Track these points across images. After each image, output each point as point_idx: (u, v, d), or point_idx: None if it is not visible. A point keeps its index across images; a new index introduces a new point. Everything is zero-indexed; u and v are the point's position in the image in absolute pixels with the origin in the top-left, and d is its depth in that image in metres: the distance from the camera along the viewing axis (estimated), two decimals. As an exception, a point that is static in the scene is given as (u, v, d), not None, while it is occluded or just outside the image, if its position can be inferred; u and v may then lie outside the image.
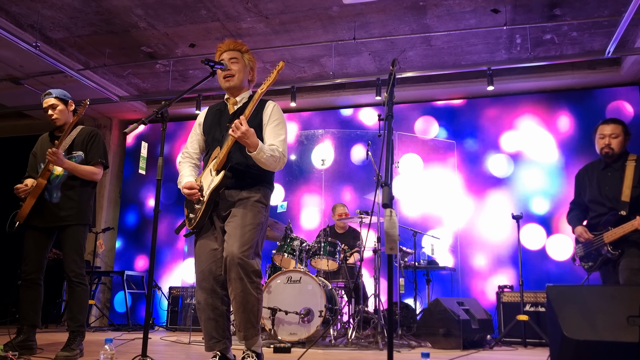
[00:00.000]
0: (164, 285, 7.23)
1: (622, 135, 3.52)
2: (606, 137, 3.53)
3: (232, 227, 2.63)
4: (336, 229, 6.01)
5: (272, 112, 2.82)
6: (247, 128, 2.51)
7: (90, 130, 3.69)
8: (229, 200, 2.71)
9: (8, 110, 7.66)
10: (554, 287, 2.38)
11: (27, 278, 3.47)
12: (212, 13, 5.43)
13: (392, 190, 1.83)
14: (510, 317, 5.07)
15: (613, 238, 3.38)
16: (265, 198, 2.76)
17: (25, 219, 3.47)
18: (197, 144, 2.96)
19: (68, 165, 3.47)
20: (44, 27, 5.75)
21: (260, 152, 2.57)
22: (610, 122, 3.56)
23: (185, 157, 2.96)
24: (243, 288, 2.56)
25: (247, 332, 2.62)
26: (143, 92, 7.50)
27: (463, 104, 6.98)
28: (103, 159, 3.63)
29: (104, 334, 5.69)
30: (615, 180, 3.48)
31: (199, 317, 2.72)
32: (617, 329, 2.16)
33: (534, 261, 6.23)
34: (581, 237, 3.59)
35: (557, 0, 5.12)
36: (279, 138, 2.75)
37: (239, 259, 2.54)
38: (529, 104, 6.68)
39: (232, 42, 2.88)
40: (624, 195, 3.39)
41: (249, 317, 2.60)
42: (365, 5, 5.21)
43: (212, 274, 2.69)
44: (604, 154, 3.55)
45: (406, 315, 5.48)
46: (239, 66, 2.84)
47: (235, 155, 2.70)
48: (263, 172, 2.74)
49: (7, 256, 6.49)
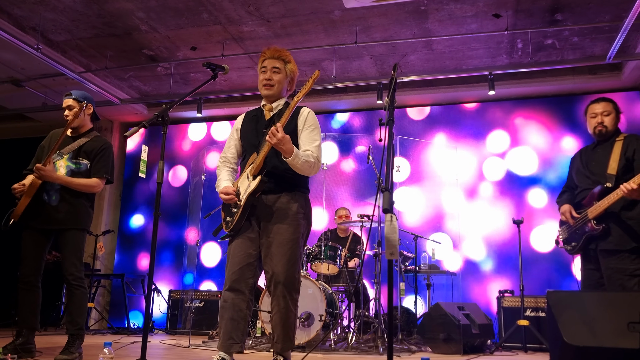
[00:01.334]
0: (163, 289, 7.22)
1: (613, 112, 3.43)
2: (598, 115, 3.42)
3: (276, 245, 2.72)
4: (338, 233, 6.01)
5: (307, 118, 2.88)
6: (283, 135, 2.58)
7: (102, 143, 3.65)
8: (267, 204, 2.79)
9: (9, 113, 7.68)
10: (554, 292, 2.38)
11: (26, 280, 3.46)
12: (214, 16, 5.44)
13: (392, 195, 1.83)
14: (511, 322, 5.06)
15: (597, 212, 3.22)
16: (303, 206, 2.83)
17: (24, 220, 3.45)
18: (235, 149, 3.02)
19: (61, 180, 3.45)
20: (46, 29, 5.76)
21: (295, 158, 2.65)
22: (601, 101, 3.46)
23: (224, 161, 3.03)
24: (285, 305, 2.70)
25: (284, 345, 2.75)
26: (144, 94, 7.51)
27: (464, 108, 6.98)
28: (108, 175, 3.61)
29: (103, 337, 5.68)
30: (603, 156, 3.37)
31: (221, 316, 2.75)
32: (617, 335, 2.15)
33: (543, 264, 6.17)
34: (564, 216, 3.44)
35: (559, 6, 5.13)
36: (314, 144, 2.82)
37: (284, 278, 2.68)
38: (530, 108, 6.68)
39: (277, 51, 2.91)
40: (610, 168, 3.26)
41: (287, 331, 2.74)
42: (367, 10, 5.22)
43: (243, 276, 2.75)
44: (597, 133, 3.44)
45: (407, 319, 5.47)
46: (280, 77, 2.89)
47: (271, 160, 2.76)
48: (298, 177, 2.81)
49: (6, 259, 6.49)
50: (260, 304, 4.68)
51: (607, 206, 3.18)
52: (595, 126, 3.43)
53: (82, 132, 3.67)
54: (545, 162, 6.43)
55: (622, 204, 3.17)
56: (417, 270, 5.64)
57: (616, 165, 3.25)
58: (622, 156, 3.29)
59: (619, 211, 3.19)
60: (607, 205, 3.18)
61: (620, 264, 3.15)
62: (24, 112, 7.63)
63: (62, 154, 3.54)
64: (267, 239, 2.76)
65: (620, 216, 3.19)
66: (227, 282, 2.76)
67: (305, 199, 2.87)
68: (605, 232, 3.21)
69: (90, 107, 3.67)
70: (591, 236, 3.28)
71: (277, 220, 2.76)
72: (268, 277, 2.75)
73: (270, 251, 2.73)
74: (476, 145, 6.77)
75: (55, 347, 3.81)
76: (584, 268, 3.41)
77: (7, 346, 3.36)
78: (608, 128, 3.41)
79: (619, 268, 3.15)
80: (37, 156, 3.68)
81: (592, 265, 3.34)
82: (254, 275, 2.79)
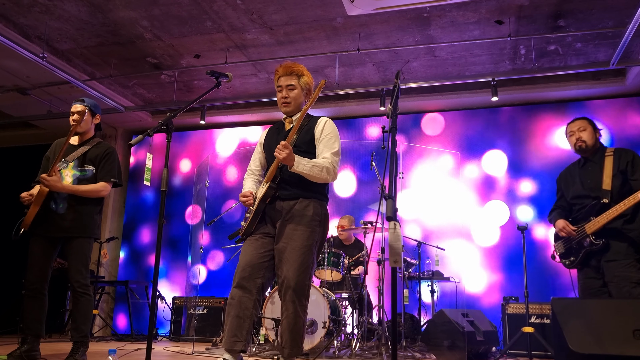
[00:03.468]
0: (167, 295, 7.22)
1: (589, 127, 3.54)
2: (575, 132, 3.55)
3: (289, 250, 2.77)
4: (342, 241, 6.00)
5: (324, 127, 2.96)
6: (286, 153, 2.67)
7: (106, 147, 3.69)
8: (284, 209, 2.85)
9: (15, 120, 7.72)
10: (559, 300, 2.37)
11: (32, 287, 3.47)
12: (217, 24, 5.47)
13: (396, 202, 1.83)
14: (516, 329, 5.03)
15: (595, 227, 3.30)
16: (319, 213, 2.88)
17: (31, 228, 3.48)
18: (259, 161, 3.14)
19: (67, 189, 3.47)
20: (51, 38, 5.81)
21: (299, 166, 2.74)
22: (576, 120, 3.61)
23: (249, 174, 3.15)
24: (294, 310, 2.74)
25: (292, 351, 2.78)
26: (148, 102, 7.54)
27: (467, 114, 6.98)
28: (116, 178, 3.64)
29: (108, 344, 5.68)
30: (595, 172, 3.46)
31: (227, 312, 2.78)
32: (623, 342, 2.14)
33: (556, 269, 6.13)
34: (562, 231, 3.50)
35: (561, 12, 5.14)
36: (331, 150, 2.89)
37: (295, 283, 2.72)
38: (533, 114, 6.67)
39: (289, 67, 2.99)
40: (605, 184, 3.35)
41: (295, 337, 2.78)
42: (369, 17, 5.24)
43: (252, 275, 2.78)
44: (577, 148, 3.56)
45: (410, 326, 5.44)
46: (296, 92, 2.98)
47: (286, 167, 2.82)
48: (315, 184, 2.87)
49: (12, 266, 6.51)
50: (264, 312, 4.68)
51: (606, 222, 3.27)
52: (574, 142, 3.57)
53: (86, 139, 3.70)
54: (549, 168, 6.42)
55: (623, 218, 3.26)
56: (421, 277, 5.62)
57: (610, 180, 3.35)
58: (617, 171, 3.38)
59: (621, 225, 3.26)
60: (605, 221, 3.27)
61: (626, 271, 3.20)
62: (29, 120, 7.67)
63: (67, 161, 3.57)
64: (282, 243, 2.80)
65: (622, 230, 3.26)
66: (235, 279, 2.80)
67: (321, 206, 2.91)
68: (606, 247, 3.29)
69: (98, 117, 3.74)
70: (591, 251, 3.35)
71: (292, 225, 2.80)
72: (279, 281, 2.78)
73: (284, 256, 2.77)
74: (480, 152, 6.76)
75: (60, 354, 3.82)
76: (583, 278, 3.47)
77: (12, 353, 3.38)
78: (587, 143, 3.51)
79: (625, 276, 3.19)
80: (43, 167, 3.71)
81: (592, 274, 3.39)
82: (263, 277, 2.81)
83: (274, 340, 4.47)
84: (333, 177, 2.87)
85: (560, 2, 4.97)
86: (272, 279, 2.92)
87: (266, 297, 4.76)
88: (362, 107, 7.08)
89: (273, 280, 2.94)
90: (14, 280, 6.18)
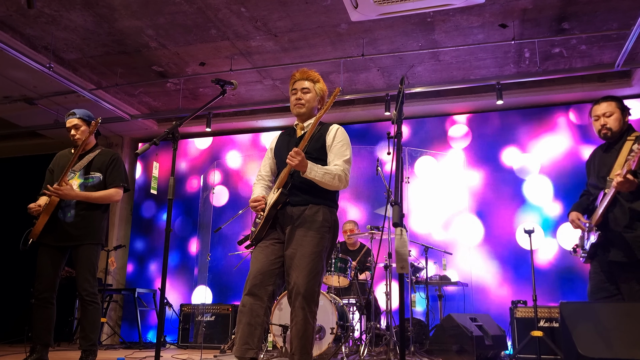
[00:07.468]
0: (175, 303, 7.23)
1: (617, 112, 3.19)
2: (600, 118, 3.19)
3: (299, 257, 2.77)
4: (347, 246, 5.99)
5: (335, 135, 2.97)
6: (299, 160, 2.68)
7: (111, 154, 3.73)
8: (294, 215, 2.85)
9: (22, 130, 7.78)
10: (568, 304, 2.36)
11: (40, 297, 3.49)
12: (222, 32, 5.50)
13: (402, 208, 1.83)
14: (525, 333, 5.00)
15: (596, 218, 3.06)
16: (328, 219, 2.88)
17: (39, 237, 3.50)
18: (269, 167, 3.14)
19: (81, 197, 3.51)
20: (58, 48, 5.86)
21: (310, 172, 2.74)
22: (602, 101, 3.23)
23: (259, 179, 3.15)
24: (304, 317, 2.74)
25: (302, 357, 2.77)
26: (154, 110, 7.59)
27: (472, 118, 6.98)
28: (124, 183, 3.67)
29: (116, 352, 5.69)
30: (610, 160, 3.11)
31: (238, 320, 2.77)
32: (633, 346, 2.12)
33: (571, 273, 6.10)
34: (573, 224, 3.25)
35: (565, 15, 5.13)
36: (342, 158, 2.90)
37: (305, 290, 2.72)
38: (538, 117, 6.66)
39: (305, 72, 3.06)
40: (613, 173, 3.03)
41: (305, 344, 2.76)
42: (373, 22, 5.25)
43: (264, 283, 2.78)
44: (602, 136, 3.22)
45: (419, 331, 5.42)
46: (310, 96, 3.02)
47: (297, 174, 2.84)
48: (325, 190, 2.88)
49: (21, 275, 6.54)
50: (272, 318, 4.67)
51: (604, 210, 3.01)
52: (599, 129, 3.23)
53: (88, 148, 3.73)
54: (557, 171, 6.40)
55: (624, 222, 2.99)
56: (428, 281, 5.60)
57: (620, 169, 2.96)
58: None
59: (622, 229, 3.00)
60: (603, 209, 3.00)
61: (637, 273, 2.98)
62: (36, 130, 7.73)
63: (74, 171, 3.60)
64: (291, 249, 2.80)
65: (623, 234, 3.00)
66: (246, 287, 2.80)
67: (331, 212, 2.92)
68: (608, 241, 3.04)
69: (94, 124, 3.75)
70: (595, 245, 3.12)
71: (302, 231, 2.81)
72: (289, 288, 2.79)
73: (293, 262, 2.77)
74: (485, 155, 6.75)
75: (69, 363, 3.82)
76: (593, 272, 3.21)
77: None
78: (613, 130, 3.18)
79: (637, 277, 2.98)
80: (47, 180, 3.74)
81: (603, 276, 3.13)
82: (274, 284, 2.81)
83: (281, 347, 4.46)
84: (345, 184, 2.87)
85: (564, 5, 4.96)
86: (283, 286, 2.92)
87: (274, 303, 4.76)
88: (367, 112, 7.08)
89: (283, 287, 2.94)
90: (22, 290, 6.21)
